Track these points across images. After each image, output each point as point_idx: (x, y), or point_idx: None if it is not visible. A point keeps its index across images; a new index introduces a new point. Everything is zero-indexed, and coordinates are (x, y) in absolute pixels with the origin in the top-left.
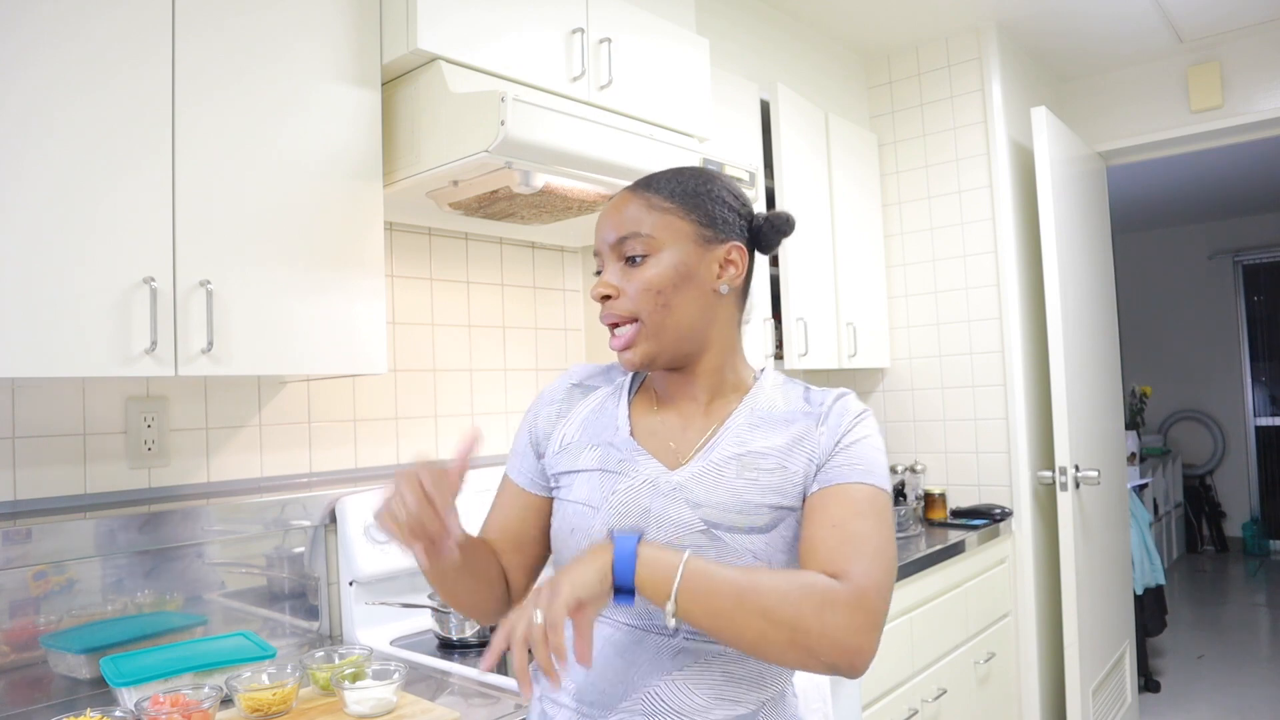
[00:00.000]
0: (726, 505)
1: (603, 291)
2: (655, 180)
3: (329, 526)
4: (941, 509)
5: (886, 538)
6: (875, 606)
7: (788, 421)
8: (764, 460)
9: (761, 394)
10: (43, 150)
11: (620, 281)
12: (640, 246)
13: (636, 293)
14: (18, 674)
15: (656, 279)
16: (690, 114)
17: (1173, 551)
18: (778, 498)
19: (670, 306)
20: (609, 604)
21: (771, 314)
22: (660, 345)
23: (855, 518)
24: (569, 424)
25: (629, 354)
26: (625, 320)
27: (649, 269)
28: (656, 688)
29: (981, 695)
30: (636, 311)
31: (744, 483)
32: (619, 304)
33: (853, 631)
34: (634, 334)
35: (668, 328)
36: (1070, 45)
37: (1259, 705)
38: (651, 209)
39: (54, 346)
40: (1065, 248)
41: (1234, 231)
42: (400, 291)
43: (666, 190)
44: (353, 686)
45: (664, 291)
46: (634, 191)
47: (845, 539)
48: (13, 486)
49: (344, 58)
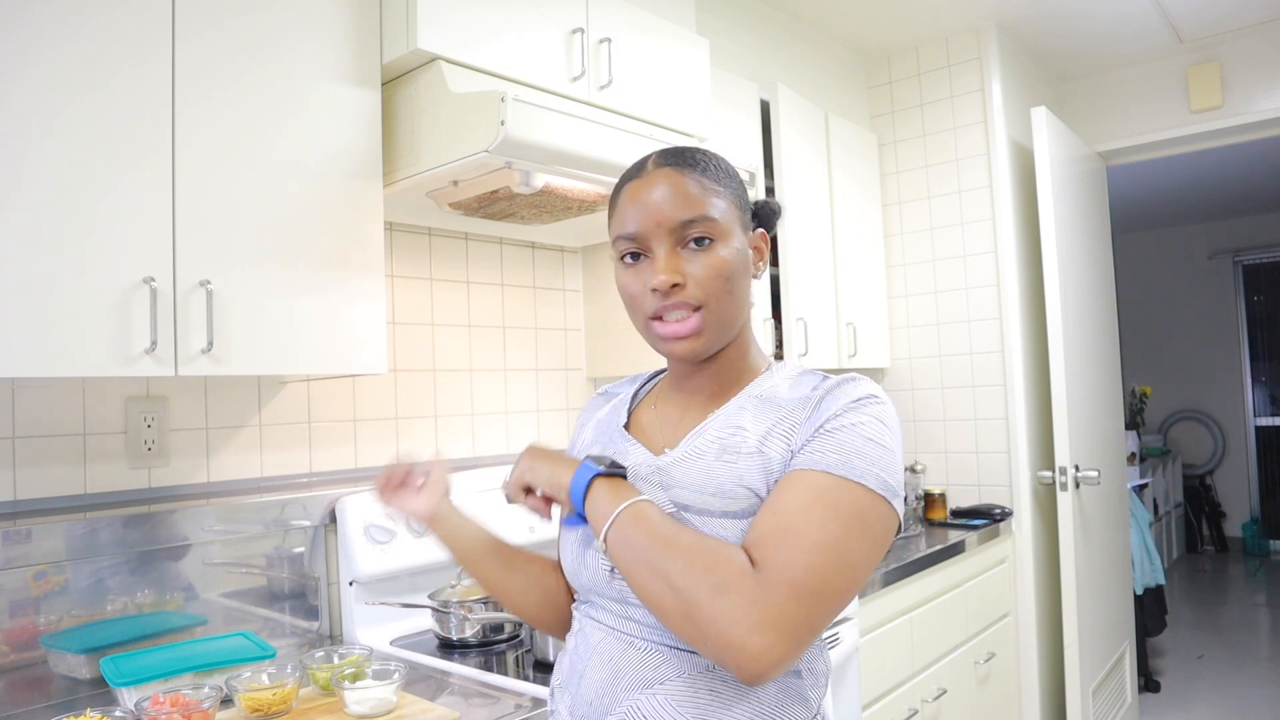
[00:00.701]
0: (700, 487)
1: (673, 279)
2: (694, 157)
3: (329, 526)
4: (941, 509)
5: (835, 536)
6: (784, 607)
7: (782, 408)
8: (744, 444)
9: (767, 381)
10: (43, 150)
11: (683, 267)
12: (707, 230)
13: (705, 278)
14: (18, 674)
15: (726, 265)
16: (690, 114)
17: (1173, 551)
18: (754, 483)
19: (734, 294)
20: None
21: (771, 314)
22: (720, 333)
23: (802, 508)
24: (586, 430)
25: (693, 342)
26: (692, 308)
27: (716, 254)
28: (638, 702)
29: (981, 695)
30: (705, 300)
31: (722, 465)
32: (689, 291)
33: (744, 627)
34: (700, 322)
35: (728, 315)
36: (1070, 45)
37: (1259, 705)
38: (706, 190)
39: (54, 346)
40: (1065, 248)
41: (1234, 231)
42: (400, 291)
43: (715, 169)
44: (353, 686)
45: (731, 278)
46: (680, 170)
47: (780, 527)
48: (13, 486)
49: (344, 58)
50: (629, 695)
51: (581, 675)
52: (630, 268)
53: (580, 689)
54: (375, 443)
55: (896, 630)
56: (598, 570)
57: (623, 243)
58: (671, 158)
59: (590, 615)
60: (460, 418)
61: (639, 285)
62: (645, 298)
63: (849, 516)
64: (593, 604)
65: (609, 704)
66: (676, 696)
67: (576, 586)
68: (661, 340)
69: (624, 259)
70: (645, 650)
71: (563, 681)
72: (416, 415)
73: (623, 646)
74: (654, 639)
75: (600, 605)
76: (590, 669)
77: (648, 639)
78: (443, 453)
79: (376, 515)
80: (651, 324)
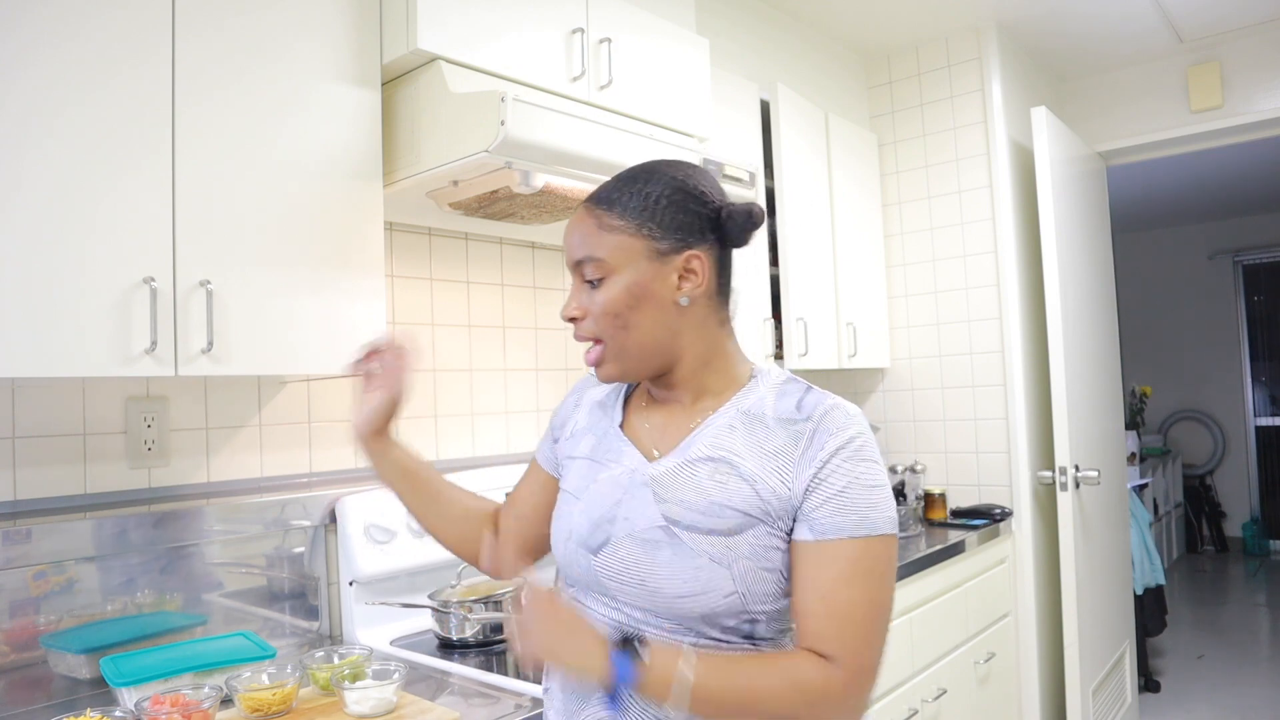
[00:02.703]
0: (692, 504)
1: (569, 314)
2: (607, 194)
3: (329, 526)
4: (941, 509)
5: (879, 602)
6: (866, 687)
7: (770, 432)
8: (738, 469)
9: (754, 393)
10: (43, 150)
11: (584, 302)
12: (595, 270)
13: (598, 315)
14: (18, 674)
15: (611, 303)
16: (690, 114)
17: (1173, 551)
18: (746, 507)
19: (629, 327)
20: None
21: (771, 314)
22: (625, 363)
23: (844, 585)
24: (581, 410)
25: (603, 370)
26: (592, 339)
27: (603, 293)
28: None
29: (981, 695)
30: (599, 333)
31: (714, 485)
32: (585, 325)
33: (845, 715)
34: (600, 353)
35: (629, 347)
36: (1070, 45)
37: (1259, 705)
38: (602, 229)
39: (54, 346)
40: (1065, 248)
41: (1234, 231)
42: (400, 291)
43: (618, 207)
44: (353, 686)
45: (620, 314)
46: (588, 209)
47: (833, 613)
48: (13, 486)
49: (344, 58)
50: None
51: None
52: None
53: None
54: None
55: (896, 630)
56: (590, 571)
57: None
58: (593, 196)
59: (577, 598)
60: (460, 418)
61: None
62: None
63: (879, 573)
64: (578, 589)
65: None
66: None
67: (565, 576)
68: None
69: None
70: (637, 633)
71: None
72: (416, 415)
73: (612, 628)
74: (646, 623)
75: (590, 593)
76: None
77: (640, 623)
78: (409, 352)
79: (376, 515)
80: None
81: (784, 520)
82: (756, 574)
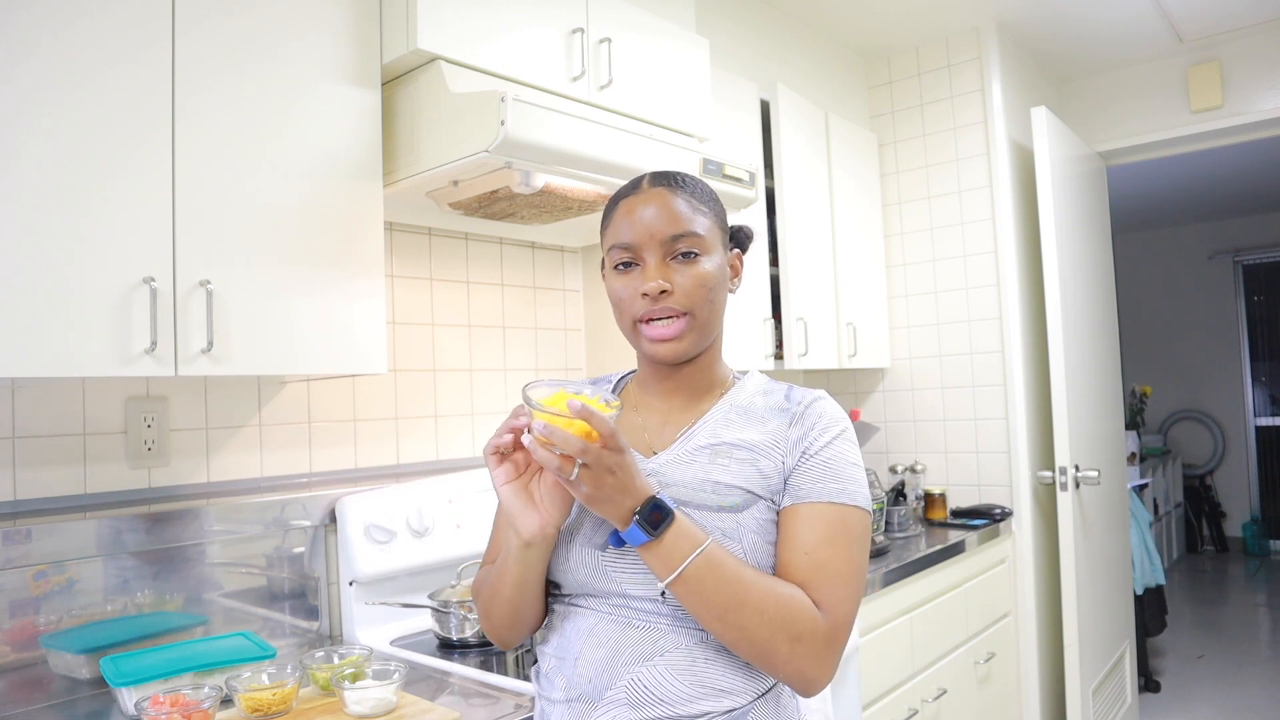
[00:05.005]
0: (696, 485)
1: (662, 286)
2: (683, 181)
3: (329, 526)
4: (941, 509)
5: (858, 563)
6: (842, 640)
7: (763, 419)
8: (737, 451)
9: (742, 393)
10: (41, 147)
11: (670, 277)
12: (693, 244)
13: (691, 287)
14: (18, 674)
15: (709, 277)
16: (690, 114)
17: (1173, 551)
18: (748, 484)
19: (714, 303)
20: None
21: (771, 314)
22: (701, 339)
23: (827, 543)
24: None
25: (676, 345)
26: (678, 314)
27: (702, 265)
28: (639, 674)
29: (981, 695)
30: (690, 306)
31: (716, 467)
32: (676, 298)
33: (817, 665)
34: (685, 326)
35: (710, 324)
36: (1070, 45)
37: (1259, 705)
38: (695, 210)
39: (54, 346)
40: (1065, 248)
41: (1234, 231)
42: (400, 291)
43: (700, 193)
44: (353, 686)
45: (713, 289)
46: (671, 190)
47: (818, 566)
48: (13, 486)
49: (344, 57)
50: (629, 669)
51: (577, 657)
52: (622, 274)
53: (576, 670)
54: (375, 443)
55: (896, 630)
56: (596, 569)
57: (618, 251)
58: (664, 179)
59: (577, 604)
60: (460, 418)
61: (629, 291)
62: (635, 302)
63: (856, 537)
64: (579, 596)
65: (609, 679)
66: (676, 666)
67: (564, 585)
68: (649, 342)
69: (617, 267)
70: (644, 629)
71: (552, 668)
72: (416, 415)
73: (619, 627)
74: (652, 620)
75: (592, 597)
76: (586, 650)
77: (646, 620)
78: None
79: (376, 515)
80: (640, 327)
81: (780, 496)
82: (763, 548)
